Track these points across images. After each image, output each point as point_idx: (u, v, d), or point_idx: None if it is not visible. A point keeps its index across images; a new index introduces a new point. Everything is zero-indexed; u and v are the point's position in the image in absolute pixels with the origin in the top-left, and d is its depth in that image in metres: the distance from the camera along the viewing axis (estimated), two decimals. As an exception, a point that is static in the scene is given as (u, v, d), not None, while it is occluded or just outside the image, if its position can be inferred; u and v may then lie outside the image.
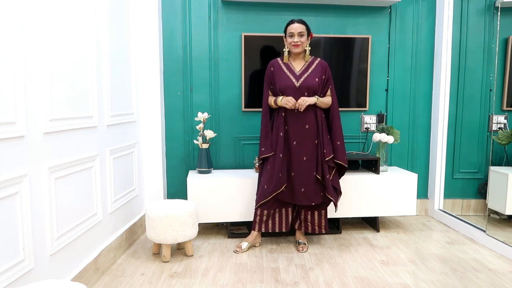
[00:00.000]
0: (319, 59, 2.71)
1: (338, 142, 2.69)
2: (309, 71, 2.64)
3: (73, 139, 2.01)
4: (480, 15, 3.30)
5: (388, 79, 3.43)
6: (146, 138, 3.09)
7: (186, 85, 3.23)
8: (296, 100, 2.57)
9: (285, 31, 2.65)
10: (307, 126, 2.63)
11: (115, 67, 2.55)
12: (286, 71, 2.65)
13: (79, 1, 2.05)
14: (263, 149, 2.66)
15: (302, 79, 2.62)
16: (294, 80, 2.62)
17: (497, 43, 3.11)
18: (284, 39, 2.66)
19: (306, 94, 2.61)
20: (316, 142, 2.65)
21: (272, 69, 2.70)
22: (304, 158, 2.64)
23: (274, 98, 2.65)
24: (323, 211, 2.77)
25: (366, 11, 3.33)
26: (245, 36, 3.18)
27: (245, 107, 3.26)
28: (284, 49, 2.67)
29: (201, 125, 3.01)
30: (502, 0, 2.99)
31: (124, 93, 2.72)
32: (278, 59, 2.72)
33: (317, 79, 2.62)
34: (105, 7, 2.37)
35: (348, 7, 3.30)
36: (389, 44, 3.39)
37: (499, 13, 2.97)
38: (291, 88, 2.61)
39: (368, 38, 3.30)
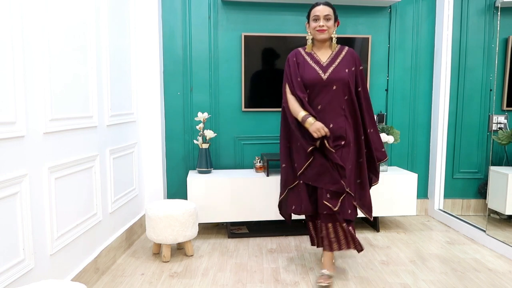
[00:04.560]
0: (347, 47, 2.31)
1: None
2: (337, 61, 2.25)
3: (73, 139, 2.01)
4: (480, 15, 3.30)
5: (388, 79, 3.43)
6: (146, 138, 3.09)
7: (186, 85, 3.23)
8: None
9: (308, 16, 2.27)
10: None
11: (115, 67, 2.54)
12: (311, 62, 2.26)
13: (79, 1, 2.06)
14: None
15: (329, 71, 2.22)
16: (320, 72, 2.23)
17: (497, 43, 3.11)
18: (307, 25, 2.29)
19: (335, 88, 2.21)
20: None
21: (295, 59, 2.28)
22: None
23: (302, 115, 2.17)
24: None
25: (366, 11, 3.33)
26: (245, 36, 3.18)
27: (245, 107, 3.26)
28: (307, 37, 2.28)
29: (201, 125, 3.01)
30: (502, 0, 2.99)
31: (124, 93, 2.72)
32: (300, 49, 2.33)
33: (347, 70, 2.23)
34: (105, 7, 2.37)
35: (348, 7, 3.30)
36: (389, 44, 3.39)
37: (499, 13, 2.97)
38: (317, 82, 2.22)
39: (368, 38, 3.30)
